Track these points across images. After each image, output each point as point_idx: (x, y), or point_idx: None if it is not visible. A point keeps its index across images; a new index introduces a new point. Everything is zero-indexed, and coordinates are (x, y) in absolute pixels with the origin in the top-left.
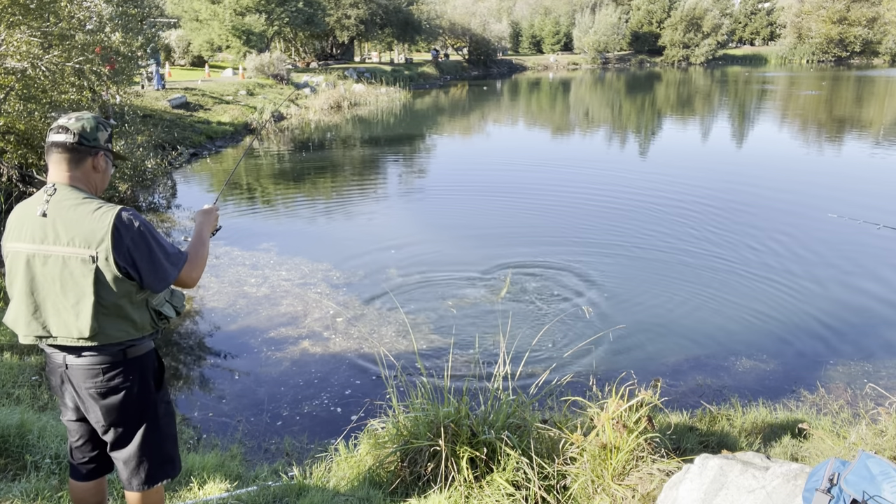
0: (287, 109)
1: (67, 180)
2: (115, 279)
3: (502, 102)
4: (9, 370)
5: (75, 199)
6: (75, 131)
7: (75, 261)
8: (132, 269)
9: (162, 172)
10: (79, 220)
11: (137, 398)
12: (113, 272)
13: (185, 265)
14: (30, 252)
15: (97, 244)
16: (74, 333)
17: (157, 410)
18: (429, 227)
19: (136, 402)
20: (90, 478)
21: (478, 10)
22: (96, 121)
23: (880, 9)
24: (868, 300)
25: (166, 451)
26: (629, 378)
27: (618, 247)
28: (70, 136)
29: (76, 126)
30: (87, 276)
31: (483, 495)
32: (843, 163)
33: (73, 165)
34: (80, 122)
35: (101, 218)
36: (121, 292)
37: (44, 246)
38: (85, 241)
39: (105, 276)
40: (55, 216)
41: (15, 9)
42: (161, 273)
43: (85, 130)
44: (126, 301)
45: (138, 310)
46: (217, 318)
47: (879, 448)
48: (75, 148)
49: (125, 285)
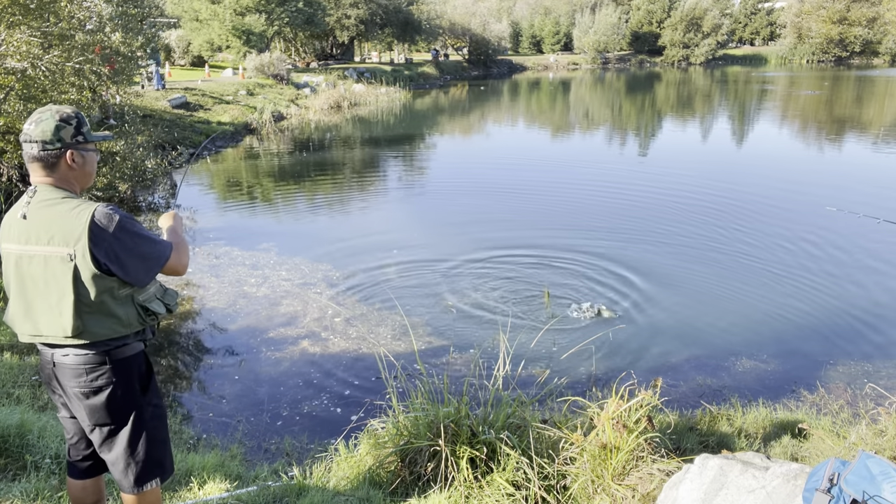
0: (287, 109)
1: (47, 182)
2: (93, 276)
3: (502, 102)
4: (9, 370)
5: (54, 198)
6: (37, 138)
7: (55, 259)
8: (114, 264)
9: (162, 172)
10: (56, 220)
11: (121, 400)
12: (91, 269)
13: (173, 252)
14: (17, 253)
15: (74, 242)
16: (60, 332)
17: (142, 414)
18: (429, 226)
19: (120, 405)
20: (87, 476)
21: (478, 10)
22: (57, 119)
23: (880, 9)
24: (868, 300)
25: (154, 455)
26: (629, 378)
27: (618, 247)
28: (34, 144)
29: (37, 132)
30: (67, 274)
31: (483, 495)
32: (842, 161)
33: (47, 169)
34: (39, 126)
35: (77, 216)
36: (101, 289)
37: (27, 246)
38: (63, 240)
39: (83, 274)
40: (35, 217)
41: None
42: (149, 263)
43: (45, 135)
44: (108, 297)
45: (122, 306)
46: (217, 318)
47: (879, 448)
48: (41, 155)
49: (105, 282)
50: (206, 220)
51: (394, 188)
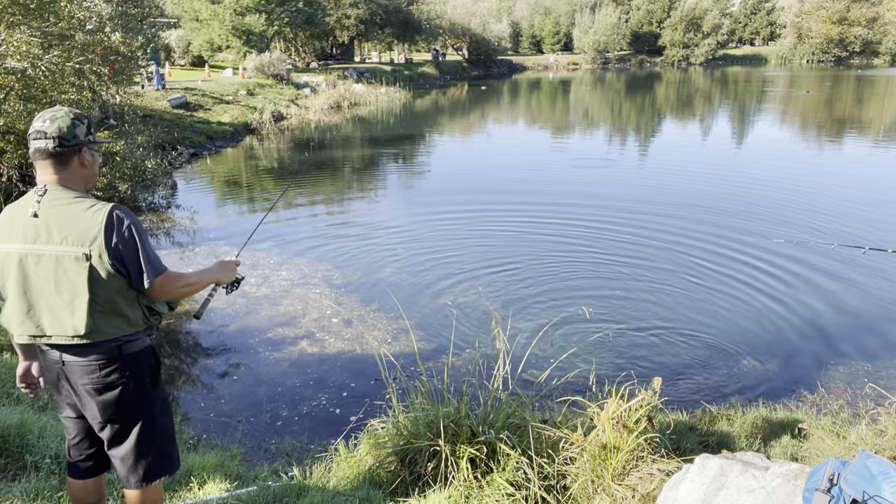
0: (287, 109)
1: (57, 181)
2: (108, 275)
3: (502, 102)
4: (9, 370)
5: (66, 198)
6: (53, 134)
7: (69, 259)
8: (121, 265)
9: (162, 172)
10: (71, 219)
11: (133, 394)
12: (107, 269)
13: (160, 276)
14: (22, 252)
15: (90, 242)
16: (70, 332)
17: (153, 407)
18: (428, 226)
19: (133, 399)
20: (88, 475)
21: (478, 10)
22: (72, 117)
23: (880, 9)
24: (868, 299)
25: (164, 448)
26: (629, 378)
27: (617, 247)
28: (49, 140)
29: (52, 129)
30: (82, 273)
31: (483, 495)
32: (842, 160)
33: (59, 167)
34: (55, 122)
35: (93, 216)
36: (114, 288)
37: (36, 245)
38: (78, 240)
39: (99, 273)
40: (47, 216)
41: (15, 9)
42: (139, 276)
43: (62, 131)
44: (120, 297)
45: (131, 306)
46: (217, 318)
47: (879, 448)
48: (57, 151)
49: (118, 281)
50: (206, 220)
51: (394, 188)
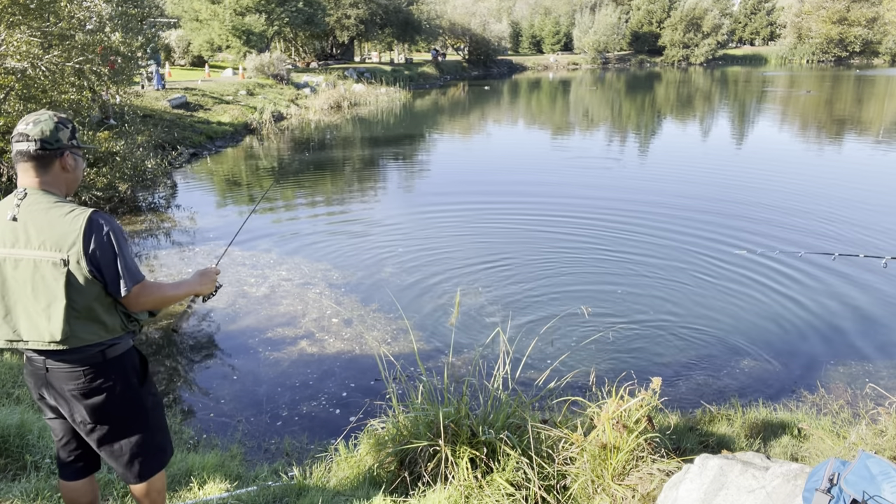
0: (287, 109)
1: (38, 185)
2: (86, 281)
3: (502, 102)
4: (9, 370)
5: (46, 202)
6: (36, 137)
7: (46, 264)
8: (98, 271)
9: (162, 172)
10: (50, 224)
11: (122, 396)
12: (84, 275)
13: (137, 286)
14: (0, 256)
15: (68, 247)
16: (46, 337)
17: (144, 404)
18: (428, 226)
19: (121, 401)
20: (79, 476)
21: (478, 10)
22: (55, 121)
23: (880, 9)
24: (868, 299)
25: (157, 442)
26: (629, 378)
27: (617, 247)
28: (31, 143)
29: (35, 132)
30: (59, 279)
31: (483, 495)
32: (842, 159)
33: (41, 171)
34: (38, 126)
35: (72, 221)
36: (92, 295)
37: (14, 250)
38: (56, 245)
39: (77, 279)
40: (26, 220)
41: (15, 9)
42: (116, 283)
43: (45, 134)
44: (97, 304)
45: (108, 312)
46: (217, 318)
47: (879, 448)
48: (39, 155)
49: (95, 287)
50: (206, 220)
51: (394, 188)
